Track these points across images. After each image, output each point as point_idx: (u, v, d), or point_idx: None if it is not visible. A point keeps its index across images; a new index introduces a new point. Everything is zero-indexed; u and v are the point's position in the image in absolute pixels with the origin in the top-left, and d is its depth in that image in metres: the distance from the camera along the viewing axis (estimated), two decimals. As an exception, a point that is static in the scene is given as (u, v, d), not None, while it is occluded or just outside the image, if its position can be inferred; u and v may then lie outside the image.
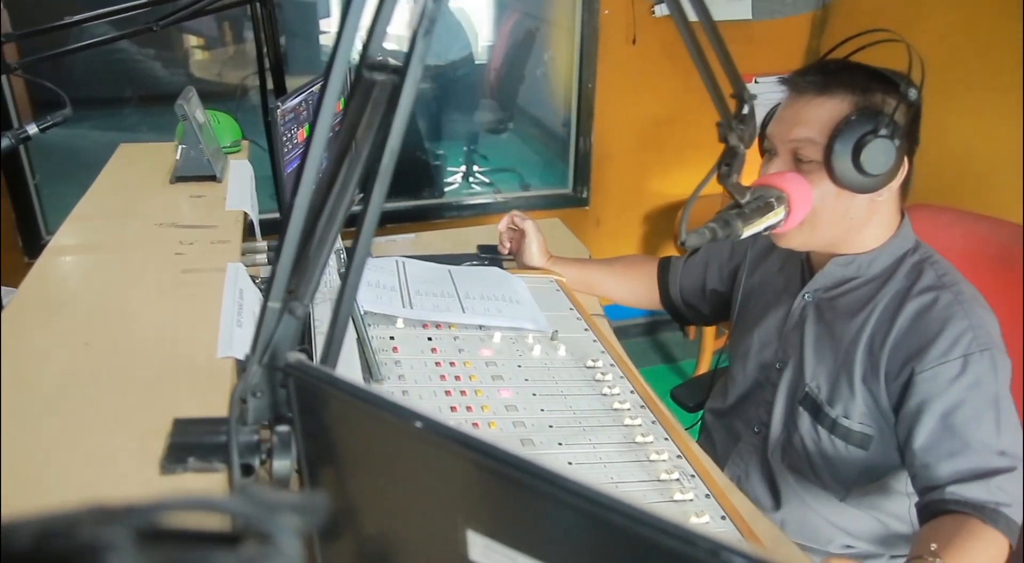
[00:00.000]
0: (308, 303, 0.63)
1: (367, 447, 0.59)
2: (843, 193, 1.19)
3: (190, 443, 0.67)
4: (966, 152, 2.57)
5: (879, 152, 1.13)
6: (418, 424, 0.50)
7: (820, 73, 1.22)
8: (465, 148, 3.59)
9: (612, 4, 2.95)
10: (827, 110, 1.19)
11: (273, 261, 0.62)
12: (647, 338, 3.59)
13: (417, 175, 3.44)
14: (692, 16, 0.90)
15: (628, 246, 3.36)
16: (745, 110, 0.98)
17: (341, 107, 0.66)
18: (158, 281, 1.00)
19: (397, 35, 0.60)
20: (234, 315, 0.91)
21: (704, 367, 3.08)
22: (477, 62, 3.52)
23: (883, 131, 1.12)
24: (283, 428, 0.65)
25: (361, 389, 0.55)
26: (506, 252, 1.78)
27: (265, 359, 0.63)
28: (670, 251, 2.02)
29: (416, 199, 3.29)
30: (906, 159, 1.19)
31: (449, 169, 3.57)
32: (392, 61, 0.60)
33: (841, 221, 1.23)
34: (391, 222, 3.09)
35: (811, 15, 3.14)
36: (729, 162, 1.00)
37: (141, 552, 0.27)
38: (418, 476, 0.55)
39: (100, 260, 1.09)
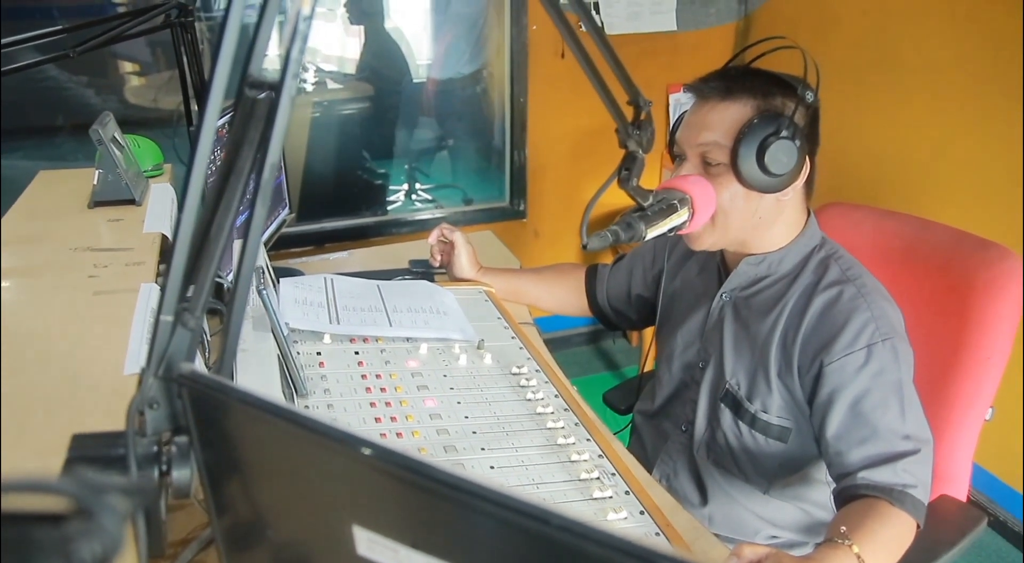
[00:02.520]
0: (200, 315, 0.65)
1: (258, 450, 0.60)
2: (751, 193, 1.23)
3: (88, 457, 0.67)
4: (883, 152, 2.66)
5: (782, 153, 1.18)
6: (299, 423, 0.52)
7: (723, 79, 1.26)
8: (407, 166, 3.61)
9: (540, 19, 2.99)
10: (731, 114, 1.23)
11: (164, 275, 0.64)
12: (591, 347, 3.63)
13: (360, 194, 3.45)
14: (621, 29, 0.93)
15: (567, 256, 3.40)
16: (642, 116, 1.02)
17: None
18: (69, 303, 1.01)
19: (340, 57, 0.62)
20: (143, 333, 0.92)
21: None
22: (416, 81, 3.55)
23: (784, 132, 1.17)
24: (182, 438, 0.66)
25: (249, 394, 0.57)
26: (437, 265, 1.79)
27: (160, 371, 0.64)
28: (609, 260, 2.03)
29: (358, 218, 3.29)
30: (808, 159, 1.24)
31: (392, 188, 3.59)
32: (269, 79, 0.62)
33: (750, 221, 1.27)
34: (333, 241, 3.09)
35: (734, 25, 3.21)
36: (629, 167, 1.04)
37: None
38: (304, 475, 0.57)
39: (9, 285, 1.08)
